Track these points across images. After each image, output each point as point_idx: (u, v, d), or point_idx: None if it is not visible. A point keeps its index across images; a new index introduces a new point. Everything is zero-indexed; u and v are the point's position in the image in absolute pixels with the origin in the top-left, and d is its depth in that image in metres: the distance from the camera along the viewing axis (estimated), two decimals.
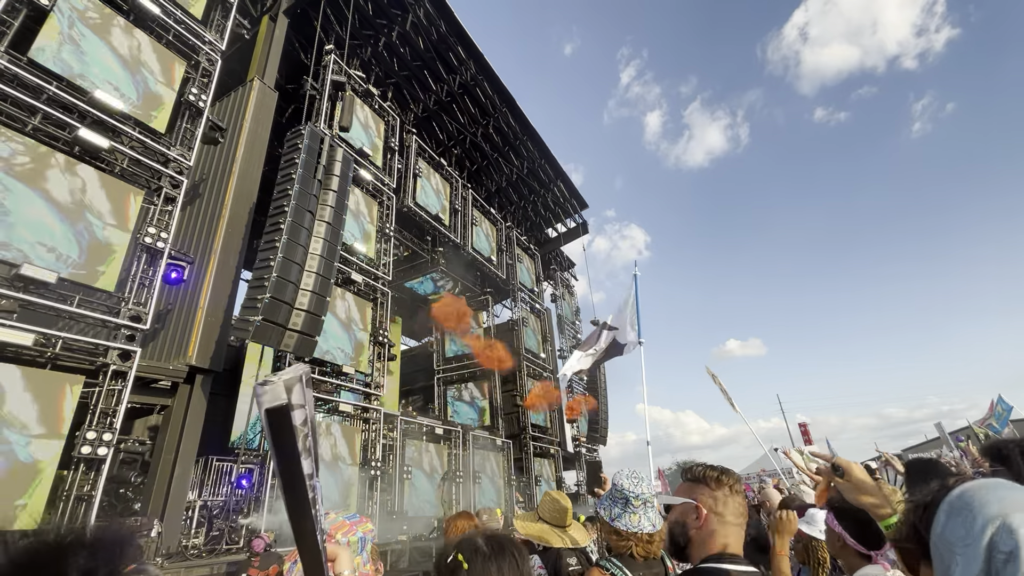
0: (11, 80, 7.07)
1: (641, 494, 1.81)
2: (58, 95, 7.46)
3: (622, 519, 1.77)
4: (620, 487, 1.84)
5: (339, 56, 13.38)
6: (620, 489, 1.83)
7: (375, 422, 11.69)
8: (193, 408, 8.96)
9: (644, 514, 1.78)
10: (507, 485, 16.70)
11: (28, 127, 7.20)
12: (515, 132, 21.06)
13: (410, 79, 18.46)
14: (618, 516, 1.79)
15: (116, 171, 8.10)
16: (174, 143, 8.95)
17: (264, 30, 13.44)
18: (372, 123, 14.66)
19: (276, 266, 8.74)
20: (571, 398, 23.53)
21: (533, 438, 18.98)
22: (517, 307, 21.07)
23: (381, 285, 13.26)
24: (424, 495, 13.18)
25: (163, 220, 8.36)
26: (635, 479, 1.85)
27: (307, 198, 9.67)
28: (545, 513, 2.59)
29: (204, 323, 9.30)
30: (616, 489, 1.85)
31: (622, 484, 1.84)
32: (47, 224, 7.09)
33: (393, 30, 16.26)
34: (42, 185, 7.14)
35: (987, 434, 11.95)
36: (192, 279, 9.43)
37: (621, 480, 1.86)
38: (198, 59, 9.74)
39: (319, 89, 12.74)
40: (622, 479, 1.86)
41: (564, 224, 27.40)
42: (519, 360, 19.97)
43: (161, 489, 8.26)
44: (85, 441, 6.62)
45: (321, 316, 9.49)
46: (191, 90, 9.32)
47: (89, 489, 6.67)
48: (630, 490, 1.81)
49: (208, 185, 11.13)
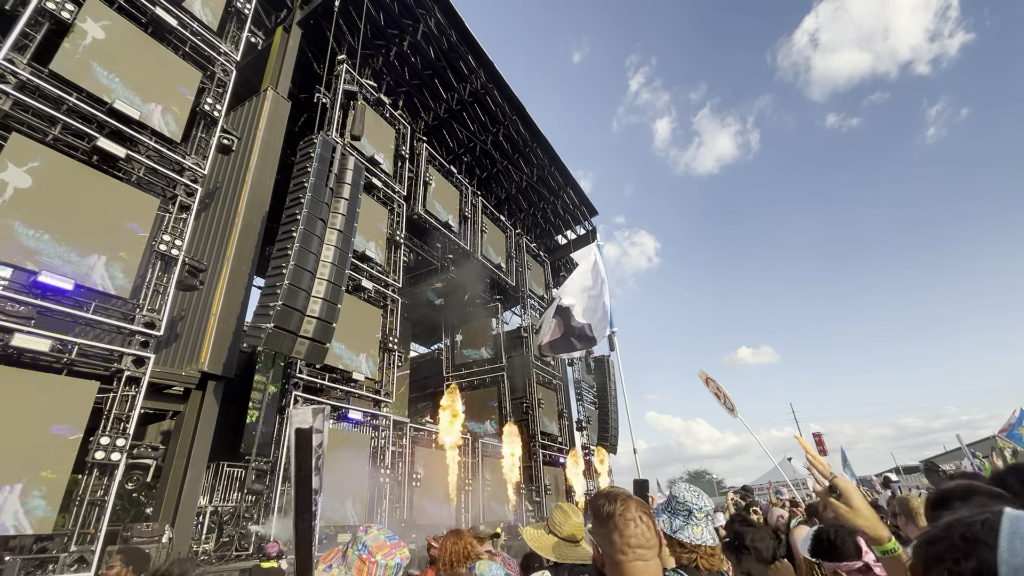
0: (33, 92, 7.25)
1: (704, 506, 1.82)
2: (78, 106, 7.63)
3: (685, 531, 1.77)
4: (682, 499, 1.85)
5: (351, 66, 13.56)
6: (682, 501, 1.84)
7: (384, 429, 11.70)
8: (205, 414, 9.04)
9: (706, 527, 1.79)
10: (516, 494, 16.58)
11: (48, 137, 7.36)
12: (525, 140, 21.17)
13: (421, 88, 18.65)
14: (680, 528, 1.79)
15: (132, 179, 8.25)
16: (189, 152, 9.10)
17: (278, 41, 13.67)
18: (383, 131, 14.80)
19: (288, 273, 8.82)
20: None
21: (543, 446, 18.88)
22: (527, 314, 21.04)
23: (391, 292, 13.33)
24: (433, 503, 13.12)
25: (177, 227, 8.49)
26: (695, 491, 1.87)
27: (319, 206, 9.77)
28: (556, 527, 2.55)
29: (216, 329, 9.40)
30: (678, 501, 1.86)
31: (684, 496, 1.85)
32: (67, 231, 7.21)
33: (404, 40, 16.46)
34: (63, 194, 7.28)
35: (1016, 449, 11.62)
36: (206, 286, 9.55)
37: (682, 492, 1.87)
38: (213, 70, 9.92)
39: (331, 98, 12.91)
40: (683, 492, 1.88)
41: (574, 231, 27.42)
42: (529, 368, 19.92)
43: (172, 494, 8.33)
44: (99, 446, 6.70)
45: (332, 323, 9.54)
46: (206, 100, 9.49)
47: (102, 494, 6.74)
48: (693, 502, 1.82)
49: (221, 193, 11.29)
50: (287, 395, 9.97)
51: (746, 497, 8.28)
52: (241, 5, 10.79)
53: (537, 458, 18.39)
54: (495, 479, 15.68)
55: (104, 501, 6.71)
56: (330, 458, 10.27)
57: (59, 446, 6.46)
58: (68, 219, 7.28)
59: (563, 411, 21.88)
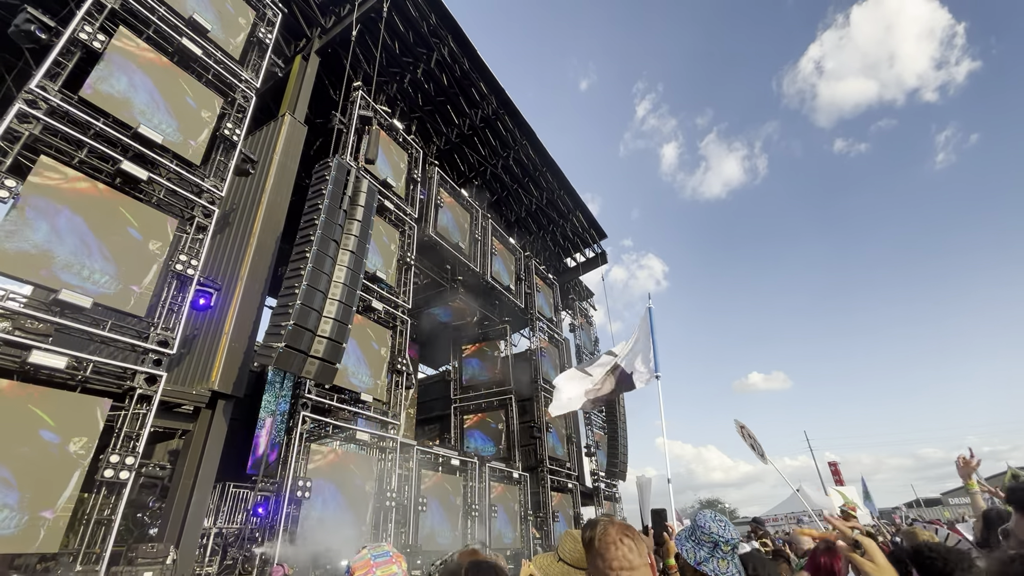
0: (63, 117, 7.53)
1: (731, 539, 1.72)
2: (104, 130, 7.90)
3: (709, 564, 1.69)
4: (708, 530, 1.75)
5: (366, 92, 13.93)
6: (708, 532, 1.75)
7: (391, 451, 11.59)
8: (214, 434, 9.03)
9: (732, 560, 1.70)
10: (523, 521, 16.23)
11: (75, 160, 7.60)
12: (535, 164, 21.44)
13: (433, 113, 19.08)
14: (704, 560, 1.70)
15: (153, 201, 8.46)
16: (208, 174, 9.33)
17: (296, 68, 14.12)
18: (396, 155, 15.10)
19: (301, 294, 8.91)
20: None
21: (551, 471, 18.54)
22: (535, 336, 20.96)
23: (401, 313, 13.38)
24: (440, 528, 12.88)
25: (194, 248, 8.65)
26: (721, 522, 1.76)
27: (333, 227, 9.92)
28: (566, 554, 2.47)
29: (228, 349, 9.46)
30: (703, 531, 1.77)
31: (710, 527, 1.75)
32: (86, 250, 7.39)
33: (419, 67, 16.93)
34: (85, 215, 7.48)
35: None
36: (218, 305, 9.66)
37: (708, 523, 1.77)
38: (234, 96, 10.25)
39: (346, 123, 13.23)
40: (708, 522, 1.77)
41: (583, 254, 27.48)
42: (537, 390, 19.73)
43: (178, 515, 8.26)
44: (108, 464, 6.69)
45: (343, 343, 9.57)
46: (226, 124, 9.77)
47: (109, 513, 6.71)
48: (719, 534, 1.72)
49: (238, 214, 11.52)
50: (296, 415, 9.95)
51: (757, 530, 7.99)
52: (263, 35, 11.21)
53: (545, 484, 18.03)
54: (502, 504, 15.38)
55: (111, 520, 6.67)
56: (335, 480, 10.18)
57: (69, 463, 6.48)
58: (88, 238, 7.46)
59: (572, 436, 21.54)
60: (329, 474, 10.18)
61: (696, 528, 1.80)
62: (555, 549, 2.57)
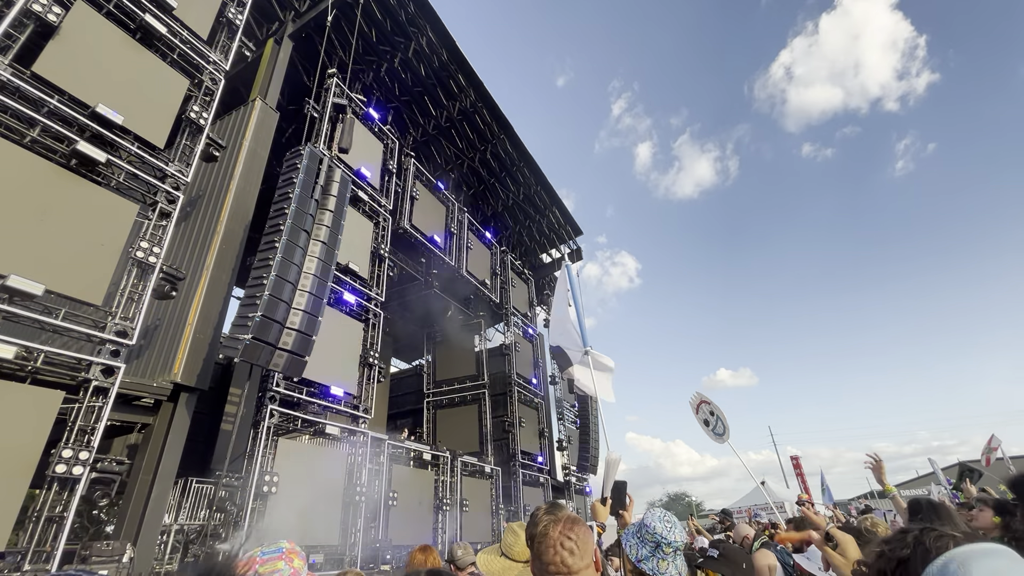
0: (13, 92, 7.09)
1: (673, 541, 1.70)
2: (59, 108, 7.48)
3: (649, 563, 1.68)
4: (652, 529, 1.74)
5: (341, 80, 13.60)
6: (652, 531, 1.73)
7: (362, 446, 11.44)
8: (175, 427, 8.73)
9: (673, 561, 1.68)
10: (494, 515, 16.29)
11: (26, 139, 7.19)
12: (512, 159, 21.40)
13: (410, 104, 18.80)
14: (645, 559, 1.69)
15: (112, 184, 8.07)
16: (172, 159, 8.96)
17: (268, 52, 13.69)
18: (371, 145, 14.82)
19: (269, 284, 8.67)
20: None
21: (523, 466, 18.64)
22: (510, 331, 20.98)
23: (374, 306, 13.19)
24: (410, 523, 12.80)
25: (156, 235, 8.30)
26: (668, 523, 1.74)
27: (303, 217, 9.68)
28: (508, 548, 2.32)
29: (192, 340, 9.15)
30: (647, 530, 1.75)
31: (654, 527, 1.74)
32: (38, 235, 7.00)
33: (396, 56, 16.63)
34: (36, 197, 7.09)
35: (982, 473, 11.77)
36: (182, 294, 9.32)
37: (653, 522, 1.75)
38: (201, 78, 9.85)
39: (320, 111, 12.90)
40: (655, 521, 1.76)
41: (558, 250, 27.62)
42: (510, 385, 19.78)
43: (136, 512, 7.97)
44: (60, 459, 6.39)
45: (312, 336, 9.37)
46: (193, 108, 9.39)
47: (61, 510, 6.42)
48: (662, 535, 1.71)
49: (204, 201, 11.12)
50: (263, 408, 9.70)
51: (725, 521, 8.22)
52: (232, 15, 10.79)
53: (517, 478, 18.13)
54: (474, 498, 15.39)
55: (63, 518, 6.38)
56: (304, 475, 9.99)
57: (16, 458, 6.16)
58: (41, 223, 7.08)
59: (544, 430, 21.70)
60: (297, 469, 9.97)
61: (642, 526, 1.79)
62: (498, 544, 2.44)
